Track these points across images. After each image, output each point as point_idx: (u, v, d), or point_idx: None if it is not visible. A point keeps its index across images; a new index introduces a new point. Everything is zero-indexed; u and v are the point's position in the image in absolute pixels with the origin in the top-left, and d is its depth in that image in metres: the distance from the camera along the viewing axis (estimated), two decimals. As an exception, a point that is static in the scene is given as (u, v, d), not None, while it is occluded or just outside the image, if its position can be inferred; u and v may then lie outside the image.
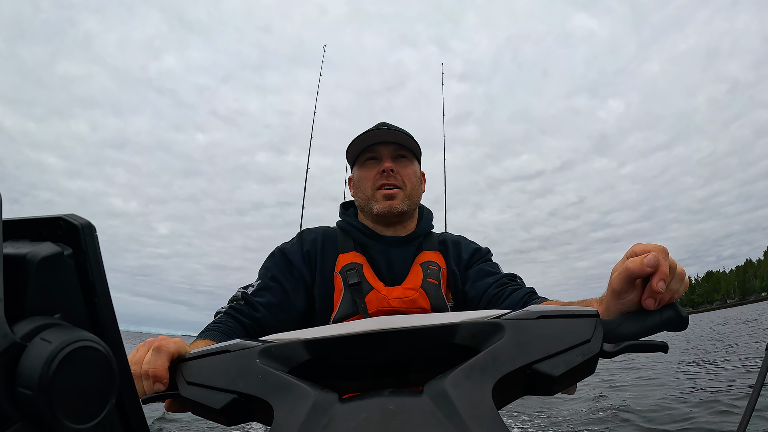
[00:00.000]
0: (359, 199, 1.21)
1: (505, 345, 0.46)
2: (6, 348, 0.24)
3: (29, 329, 0.25)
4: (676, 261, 0.57)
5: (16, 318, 0.26)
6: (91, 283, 0.30)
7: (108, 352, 0.28)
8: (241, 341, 0.52)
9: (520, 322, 0.48)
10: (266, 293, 1.07)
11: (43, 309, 0.27)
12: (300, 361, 0.50)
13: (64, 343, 0.25)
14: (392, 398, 0.40)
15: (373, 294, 1.06)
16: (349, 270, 1.09)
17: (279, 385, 0.45)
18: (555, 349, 0.46)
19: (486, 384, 0.41)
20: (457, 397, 0.39)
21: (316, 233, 1.21)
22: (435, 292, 1.09)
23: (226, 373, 0.49)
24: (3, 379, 0.24)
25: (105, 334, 0.29)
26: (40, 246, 0.28)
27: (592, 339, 0.48)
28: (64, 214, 0.31)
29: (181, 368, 0.54)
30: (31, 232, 0.30)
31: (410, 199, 1.17)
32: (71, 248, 0.29)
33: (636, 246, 0.59)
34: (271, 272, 1.12)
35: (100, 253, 0.31)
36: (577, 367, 0.46)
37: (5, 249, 0.27)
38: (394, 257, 1.15)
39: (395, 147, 1.18)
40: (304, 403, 0.41)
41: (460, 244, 1.23)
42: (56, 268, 0.28)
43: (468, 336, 0.49)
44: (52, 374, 0.24)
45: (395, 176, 1.15)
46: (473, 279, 1.14)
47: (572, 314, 0.50)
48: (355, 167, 1.23)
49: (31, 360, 0.24)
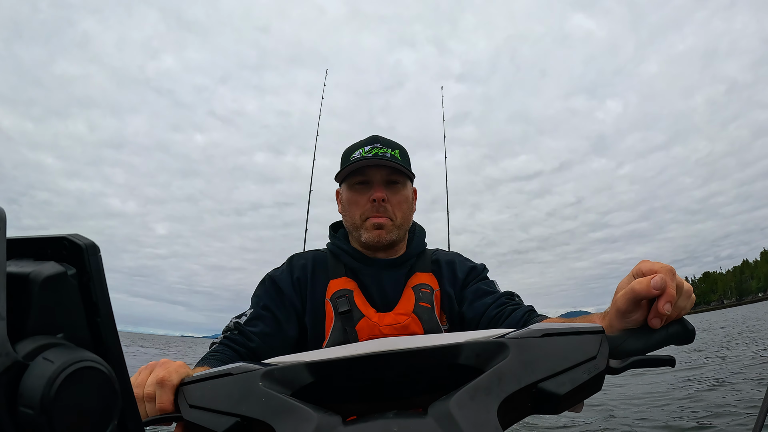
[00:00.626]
0: (347, 223, 1.18)
1: (509, 364, 0.45)
2: (8, 367, 0.23)
3: (31, 348, 0.25)
4: (683, 279, 0.57)
5: (18, 337, 0.25)
6: (94, 303, 0.30)
7: (111, 372, 0.27)
8: (243, 364, 0.52)
9: (524, 340, 0.48)
10: (259, 323, 1.06)
11: (46, 328, 0.27)
12: (302, 384, 0.49)
13: (66, 363, 0.25)
14: (396, 420, 0.40)
15: (364, 321, 1.04)
16: (340, 297, 1.08)
17: (281, 408, 0.44)
18: (560, 367, 0.46)
19: (491, 404, 0.41)
20: (462, 419, 0.39)
21: (306, 258, 1.19)
22: (428, 317, 1.07)
23: (228, 396, 0.48)
24: (4, 398, 0.23)
25: (108, 355, 0.29)
26: (44, 265, 0.28)
27: (598, 356, 0.48)
28: (68, 234, 0.31)
29: (183, 391, 0.53)
30: (35, 251, 0.30)
31: (400, 229, 1.14)
32: (75, 268, 0.29)
33: (642, 264, 0.58)
34: (263, 301, 1.10)
35: (104, 273, 0.31)
36: (583, 385, 0.46)
37: (9, 267, 0.26)
38: (385, 281, 1.13)
39: (387, 171, 1.13)
40: (306, 426, 0.40)
41: (454, 263, 1.20)
42: (59, 288, 0.28)
43: (472, 356, 0.49)
44: (54, 394, 0.24)
45: (385, 207, 1.12)
46: (470, 299, 1.11)
47: (577, 331, 0.50)
48: (344, 186, 1.18)
49: (33, 379, 0.24)
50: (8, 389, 0.23)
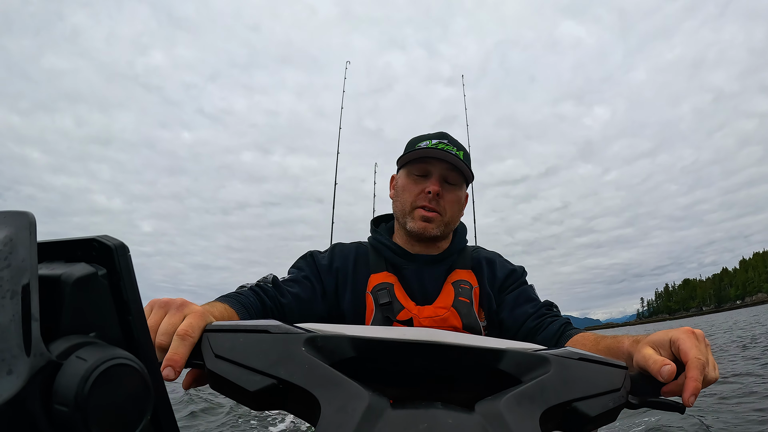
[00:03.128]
0: (396, 208, 1.18)
1: (551, 379, 0.47)
2: (42, 366, 0.24)
3: (65, 348, 0.25)
4: (713, 371, 0.59)
5: (51, 337, 0.26)
6: (125, 301, 0.30)
7: (143, 369, 0.28)
8: (281, 324, 0.48)
9: (564, 360, 0.50)
10: (296, 285, 1.07)
11: (78, 328, 0.27)
12: (343, 357, 0.47)
13: (99, 360, 0.25)
14: (448, 412, 0.39)
15: (404, 313, 1.05)
16: (381, 290, 1.08)
17: (328, 380, 0.42)
18: (593, 391, 0.48)
19: (535, 412, 0.42)
20: (511, 421, 0.39)
21: (349, 250, 1.19)
22: (467, 311, 1.06)
23: (265, 354, 0.44)
24: (40, 396, 0.24)
25: (139, 352, 0.29)
26: (75, 267, 0.29)
27: (621, 389, 0.51)
28: (98, 235, 0.31)
29: (208, 338, 0.48)
30: (66, 254, 0.31)
31: (447, 226, 1.14)
32: (105, 268, 0.30)
33: (681, 337, 0.59)
34: (303, 271, 1.12)
35: (134, 272, 0.31)
36: (606, 412, 0.48)
37: (40, 270, 0.27)
38: (425, 277, 1.13)
39: (448, 167, 1.12)
40: (358, 403, 0.39)
41: (494, 263, 1.19)
42: (91, 288, 0.29)
43: (513, 364, 0.49)
44: (87, 392, 0.24)
45: (438, 201, 1.11)
46: (511, 306, 1.11)
47: (606, 363, 0.53)
48: (402, 172, 1.17)
49: (67, 378, 0.24)
50: (43, 388, 0.24)
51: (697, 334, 0.60)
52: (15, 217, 0.27)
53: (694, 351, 0.56)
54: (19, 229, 0.27)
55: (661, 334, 0.63)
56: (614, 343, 0.74)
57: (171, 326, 0.52)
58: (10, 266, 0.25)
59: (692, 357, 0.56)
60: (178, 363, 0.48)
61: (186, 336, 0.49)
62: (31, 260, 0.26)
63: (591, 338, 0.87)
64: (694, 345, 0.57)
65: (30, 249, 0.26)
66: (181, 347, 0.49)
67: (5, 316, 0.24)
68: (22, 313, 0.24)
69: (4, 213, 0.27)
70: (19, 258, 0.26)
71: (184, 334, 0.49)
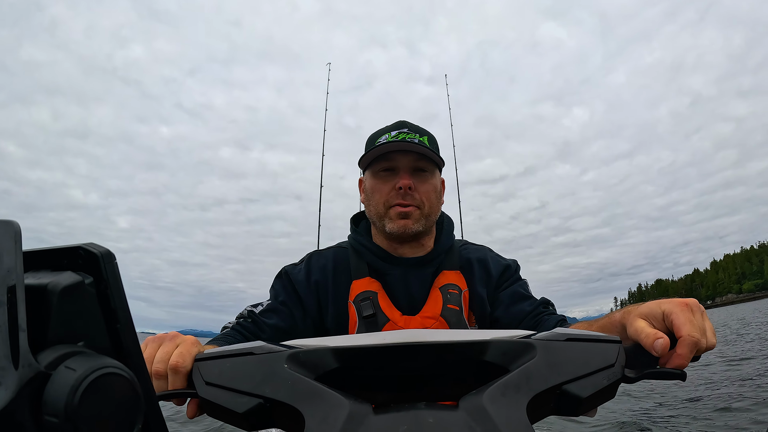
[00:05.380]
0: (370, 213, 1.10)
1: (537, 364, 0.47)
2: (31, 377, 0.24)
3: (53, 358, 0.25)
4: (710, 338, 0.57)
5: (39, 347, 0.26)
6: (113, 310, 0.30)
7: (132, 377, 0.27)
8: (264, 344, 0.50)
9: (549, 343, 0.50)
10: (274, 315, 1.03)
11: (67, 337, 0.27)
12: (327, 369, 0.48)
13: (88, 370, 0.25)
14: (429, 411, 0.39)
15: (389, 326, 1.00)
16: (364, 300, 1.02)
17: (310, 393, 0.43)
18: (583, 371, 0.48)
19: (521, 401, 0.42)
20: (495, 413, 0.40)
21: (326, 259, 1.12)
22: (456, 319, 1.01)
23: (250, 376, 0.47)
24: (29, 407, 0.23)
25: (129, 360, 0.29)
26: (61, 275, 0.28)
27: (616, 364, 0.50)
28: (84, 243, 0.31)
29: (198, 367, 0.51)
30: (52, 262, 0.30)
31: (427, 219, 1.06)
32: (92, 276, 0.30)
33: (674, 308, 0.58)
34: (281, 296, 1.07)
35: (121, 280, 0.31)
36: (602, 390, 0.48)
37: (27, 280, 0.27)
38: (411, 282, 1.06)
39: (415, 157, 1.05)
40: (339, 412, 0.40)
41: (486, 261, 1.12)
42: (78, 297, 0.28)
43: (499, 354, 0.49)
44: (77, 402, 0.24)
45: (412, 195, 1.04)
46: (507, 303, 1.07)
47: (597, 339, 0.52)
48: (368, 173, 1.10)
49: (57, 388, 0.24)
50: (32, 399, 0.24)
51: (690, 306, 0.58)
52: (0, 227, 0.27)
53: (687, 327, 0.55)
54: (4, 239, 0.26)
55: (653, 305, 0.61)
56: (606, 321, 0.73)
57: (165, 354, 0.55)
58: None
59: (684, 333, 0.54)
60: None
61: (178, 368, 0.53)
62: (17, 270, 0.25)
63: (583, 325, 0.84)
64: (688, 320, 0.56)
65: (16, 258, 0.26)
66: (177, 381, 0.53)
67: None
68: (8, 324, 0.24)
69: None
70: (5, 268, 0.25)
71: (176, 366, 0.53)
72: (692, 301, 0.59)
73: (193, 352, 0.54)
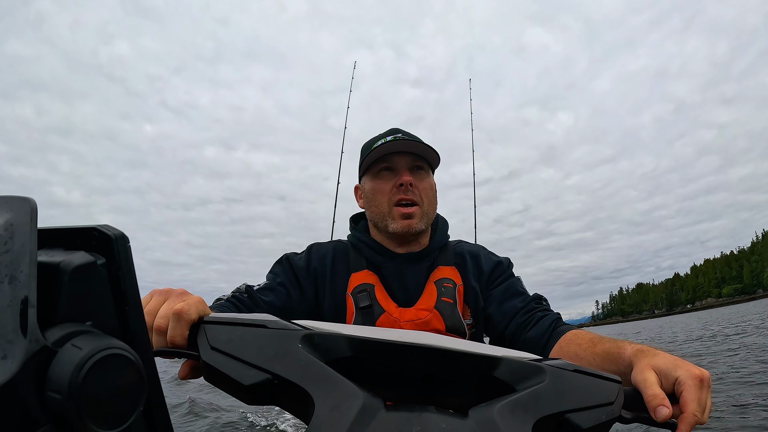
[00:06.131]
0: (372, 214, 1.13)
1: (546, 389, 0.47)
2: (37, 352, 0.24)
3: (60, 335, 0.25)
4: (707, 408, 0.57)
5: (48, 324, 0.26)
6: (122, 292, 0.30)
7: (138, 360, 0.28)
8: (279, 319, 0.48)
9: (559, 371, 0.50)
10: (271, 294, 1.04)
11: (75, 316, 0.27)
12: (339, 356, 0.47)
13: (94, 350, 0.25)
14: (441, 416, 0.39)
15: (384, 317, 1.02)
16: (361, 292, 1.05)
17: (323, 378, 0.42)
18: (586, 404, 0.48)
19: (527, 422, 0.42)
20: (505, 428, 0.39)
21: (326, 249, 1.16)
22: (450, 312, 1.04)
23: (260, 349, 0.44)
24: (33, 382, 0.24)
25: (135, 343, 0.29)
26: (74, 255, 0.29)
27: (615, 403, 0.51)
28: (98, 224, 0.31)
29: (204, 330, 0.48)
30: (66, 242, 0.30)
31: (427, 216, 1.11)
32: (104, 258, 0.30)
33: (673, 368, 0.59)
34: (279, 278, 1.09)
35: (133, 263, 0.31)
36: (599, 425, 0.48)
37: (40, 257, 0.27)
38: (407, 275, 1.10)
39: (412, 157, 1.10)
40: (352, 402, 0.39)
41: (479, 256, 1.16)
42: (89, 277, 0.29)
43: (508, 372, 0.49)
44: (81, 380, 0.24)
45: (413, 191, 1.08)
46: (499, 300, 1.08)
47: (601, 376, 0.53)
48: (367, 177, 1.14)
49: (62, 365, 0.24)
50: (37, 374, 0.24)
51: (704, 381, 0.58)
52: (16, 203, 0.27)
53: (694, 405, 0.55)
54: (20, 215, 0.27)
55: (669, 364, 0.60)
56: (614, 348, 0.72)
57: (171, 310, 0.51)
58: (9, 251, 0.25)
59: (689, 411, 0.55)
60: (180, 345, 0.49)
61: (182, 314, 0.49)
62: (30, 246, 0.26)
63: (586, 338, 0.84)
64: (696, 398, 0.56)
65: (30, 235, 0.26)
66: (179, 327, 0.49)
67: (2, 301, 0.24)
68: (19, 299, 0.24)
69: (5, 198, 0.27)
70: (19, 243, 0.26)
71: (180, 312, 0.49)
72: (706, 376, 0.59)
73: (200, 308, 0.51)
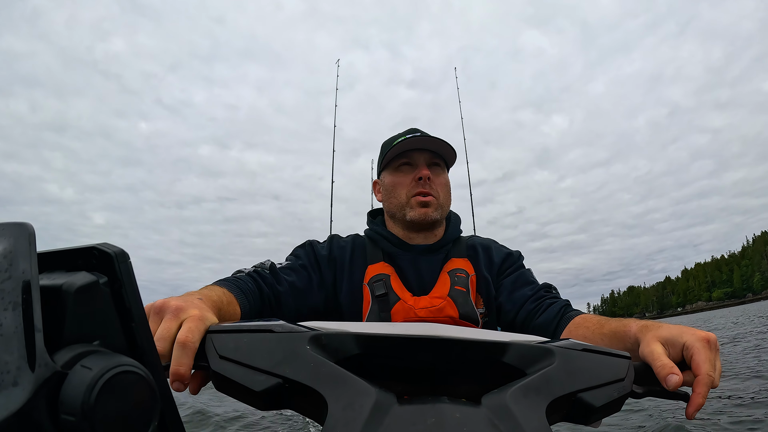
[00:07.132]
0: (391, 206, 1.18)
1: (556, 370, 0.47)
2: (48, 377, 0.24)
3: (69, 357, 0.25)
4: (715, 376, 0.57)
5: (56, 347, 0.26)
6: (127, 308, 0.30)
7: (148, 375, 0.28)
8: (285, 323, 0.48)
9: (568, 351, 0.50)
10: (293, 274, 1.07)
11: (82, 337, 0.27)
12: (348, 355, 0.47)
13: (104, 369, 0.25)
14: (454, 406, 0.39)
15: (399, 305, 1.05)
16: (377, 281, 1.09)
17: (334, 377, 0.42)
18: (597, 382, 0.49)
19: (541, 404, 0.43)
20: (519, 413, 0.40)
21: (346, 242, 1.20)
22: (463, 300, 1.07)
23: (269, 354, 0.44)
24: (46, 407, 0.24)
25: (144, 358, 0.29)
26: (76, 276, 0.29)
27: (626, 379, 0.52)
28: (97, 243, 0.31)
29: (212, 339, 0.48)
30: (66, 263, 0.30)
31: (442, 209, 1.16)
32: (106, 276, 0.30)
33: (679, 336, 0.59)
34: (301, 260, 1.12)
35: (135, 279, 0.31)
36: (611, 402, 0.49)
37: (41, 281, 0.27)
38: (422, 266, 1.14)
39: (430, 155, 1.16)
40: (365, 400, 0.39)
41: (490, 248, 1.20)
42: (92, 297, 0.28)
43: (517, 356, 0.49)
44: (94, 400, 0.24)
45: (430, 185, 1.13)
46: (509, 289, 1.11)
47: (610, 353, 0.53)
48: (386, 172, 1.20)
49: (73, 387, 0.24)
50: (49, 398, 0.24)
51: (711, 343, 0.58)
52: (14, 229, 0.27)
53: (707, 366, 0.55)
54: (19, 241, 0.26)
55: (674, 331, 0.60)
56: (620, 326, 0.73)
57: (167, 331, 0.51)
58: (11, 278, 0.25)
59: (704, 372, 0.54)
60: (185, 376, 0.47)
61: (187, 344, 0.48)
62: (32, 271, 0.26)
63: (594, 321, 0.86)
64: (708, 358, 0.56)
65: (30, 260, 0.26)
66: (184, 357, 0.48)
67: (8, 328, 0.24)
68: (24, 325, 0.24)
69: (2, 225, 0.27)
70: (20, 269, 0.26)
71: (185, 342, 0.48)
72: (712, 338, 0.59)
73: (202, 330, 0.50)
